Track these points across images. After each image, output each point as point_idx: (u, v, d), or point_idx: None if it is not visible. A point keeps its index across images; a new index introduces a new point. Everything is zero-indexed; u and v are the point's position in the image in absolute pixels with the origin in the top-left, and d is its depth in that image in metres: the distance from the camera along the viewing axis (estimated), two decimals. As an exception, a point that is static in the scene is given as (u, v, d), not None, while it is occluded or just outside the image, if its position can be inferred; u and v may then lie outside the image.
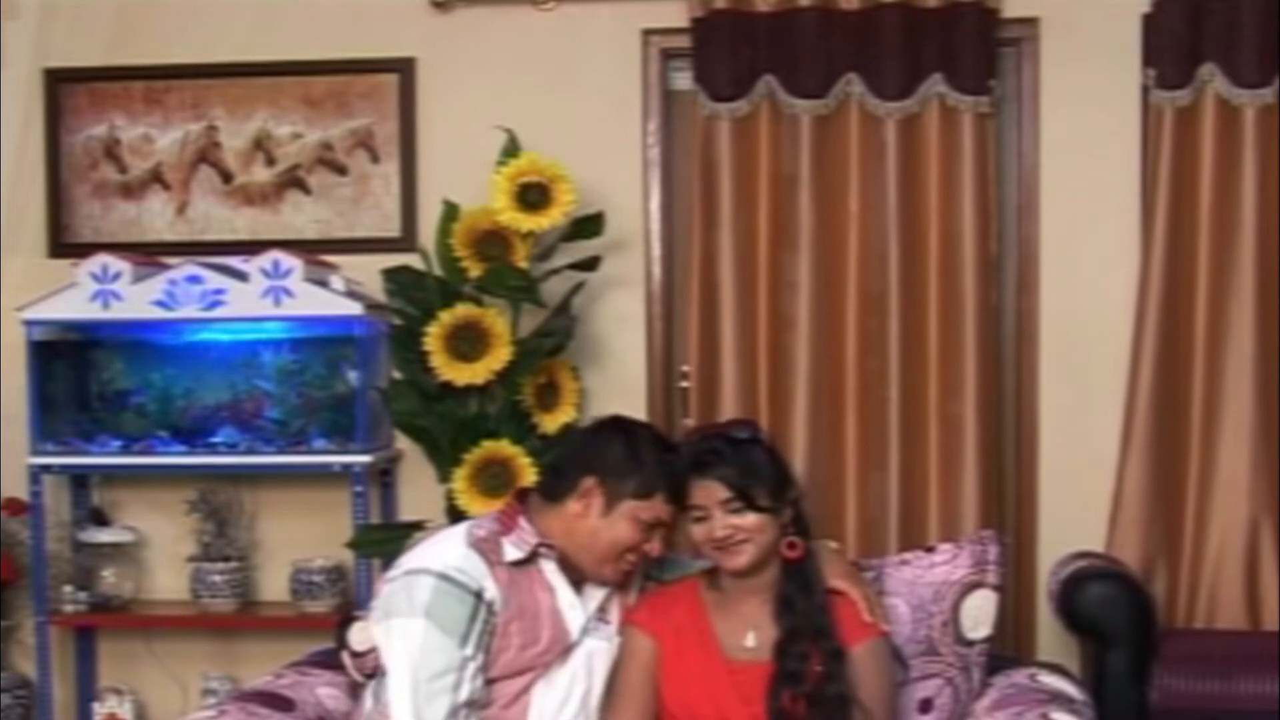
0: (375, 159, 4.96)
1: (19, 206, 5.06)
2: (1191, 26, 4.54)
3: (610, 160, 4.80)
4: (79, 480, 4.98)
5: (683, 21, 4.73)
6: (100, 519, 4.97)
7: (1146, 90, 4.62)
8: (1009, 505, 4.78)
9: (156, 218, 5.05)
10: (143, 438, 4.79)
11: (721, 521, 3.02)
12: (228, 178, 5.02)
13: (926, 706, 3.31)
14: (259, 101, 4.98)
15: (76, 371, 4.86)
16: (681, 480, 3.06)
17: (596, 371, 4.83)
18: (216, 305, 4.62)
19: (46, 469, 4.77)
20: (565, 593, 3.10)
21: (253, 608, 4.89)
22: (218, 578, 4.80)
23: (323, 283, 4.66)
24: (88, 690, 5.00)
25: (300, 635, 4.45)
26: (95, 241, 4.94)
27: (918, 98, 4.64)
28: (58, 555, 4.87)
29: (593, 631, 3.13)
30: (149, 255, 4.82)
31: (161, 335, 4.80)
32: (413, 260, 4.71)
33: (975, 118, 4.62)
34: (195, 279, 4.62)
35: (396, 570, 3.10)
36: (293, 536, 4.92)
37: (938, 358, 4.65)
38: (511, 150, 4.57)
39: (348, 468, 4.65)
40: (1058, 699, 3.24)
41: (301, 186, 5.00)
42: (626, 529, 3.05)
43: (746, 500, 3.02)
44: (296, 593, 4.79)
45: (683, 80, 4.84)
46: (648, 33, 4.82)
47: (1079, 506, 4.69)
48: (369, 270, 4.77)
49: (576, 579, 3.13)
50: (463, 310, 4.48)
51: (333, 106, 4.96)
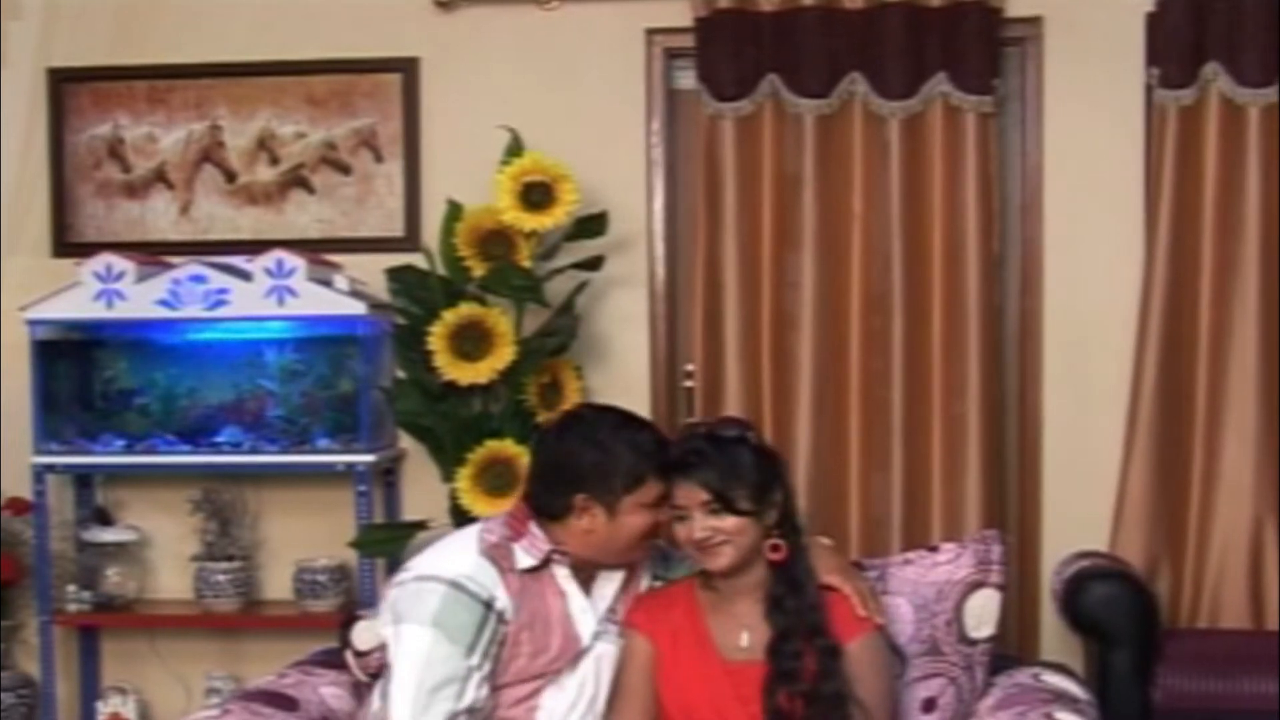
0: (379, 158, 4.96)
1: (23, 206, 5.06)
2: (1195, 25, 4.53)
3: (614, 160, 4.79)
4: (83, 480, 4.98)
5: (686, 21, 4.72)
6: (104, 518, 4.97)
7: (1150, 89, 4.62)
8: (1012, 505, 4.78)
9: (160, 217, 5.04)
10: (146, 437, 4.79)
11: (701, 523, 3.01)
12: (231, 177, 5.02)
13: (930, 706, 3.31)
14: (262, 101, 4.98)
15: (80, 371, 4.85)
16: (667, 469, 3.05)
17: (600, 371, 4.82)
18: (220, 305, 4.61)
19: (50, 468, 4.77)
20: (577, 598, 3.10)
21: (256, 607, 4.89)
22: (221, 577, 4.80)
23: (326, 282, 4.65)
24: (91, 690, 5.00)
25: (304, 635, 4.46)
26: (99, 241, 4.94)
27: (921, 97, 4.63)
28: (61, 555, 4.87)
29: (603, 635, 3.13)
30: (152, 255, 4.81)
31: (165, 335, 4.79)
32: (416, 260, 4.71)
33: (978, 117, 4.61)
34: (199, 278, 4.62)
35: (406, 574, 3.09)
36: (296, 536, 4.92)
37: (941, 357, 4.64)
38: (515, 149, 4.57)
39: (351, 467, 4.65)
40: (1061, 699, 3.23)
41: (305, 186, 5.00)
42: (638, 519, 3.05)
43: (725, 503, 3.01)
44: (300, 592, 4.79)
45: (686, 79, 4.84)
46: (651, 32, 4.82)
47: (1082, 506, 4.68)
48: (372, 270, 4.78)
49: (585, 578, 3.13)
50: (466, 310, 4.48)
51: (336, 106, 4.96)
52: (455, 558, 3.05)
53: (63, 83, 5.03)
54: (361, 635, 3.44)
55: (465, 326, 4.46)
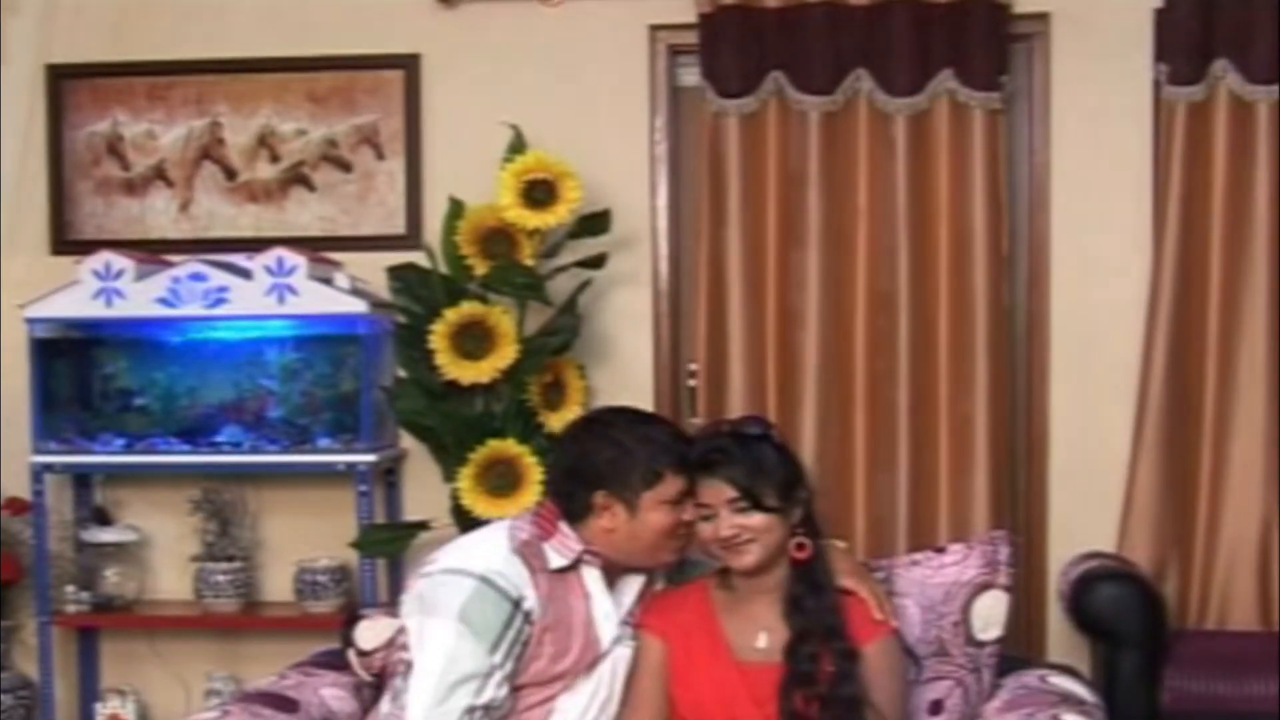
0: (380, 156, 4.95)
1: (21, 203, 5.05)
2: (1204, 22, 4.52)
3: (617, 157, 4.79)
4: (81, 479, 4.97)
5: (690, 17, 4.71)
6: (103, 518, 4.96)
7: (1158, 86, 4.61)
8: (1019, 505, 4.77)
9: (160, 215, 5.03)
10: (146, 436, 4.78)
11: (728, 521, 3.00)
12: (231, 174, 5.01)
13: (937, 708, 3.29)
14: (263, 98, 4.97)
15: (79, 369, 4.85)
16: (693, 470, 3.04)
17: (603, 370, 4.82)
18: (220, 303, 4.61)
19: (49, 468, 4.76)
20: (602, 600, 3.09)
21: (256, 608, 4.89)
22: (221, 577, 4.79)
23: (327, 280, 4.65)
24: (90, 691, 4.99)
25: (304, 635, 4.45)
26: (98, 239, 4.94)
27: (927, 94, 4.61)
28: (60, 555, 4.86)
29: (620, 640, 3.11)
30: (152, 253, 4.81)
31: (165, 333, 4.79)
32: (418, 258, 4.70)
33: (985, 114, 4.60)
34: (199, 277, 4.61)
35: (433, 566, 3.06)
36: (297, 536, 4.91)
37: (948, 356, 4.64)
38: (517, 147, 4.56)
39: (352, 467, 4.64)
40: (1068, 700, 3.22)
41: (306, 183, 4.98)
42: (661, 516, 3.03)
43: (753, 500, 3.00)
44: (301, 593, 4.78)
45: (690, 76, 4.83)
46: (655, 28, 4.81)
47: (1090, 506, 4.68)
48: (374, 268, 4.77)
49: (608, 582, 3.11)
50: (468, 308, 4.47)
51: (337, 103, 4.95)
52: (487, 553, 3.03)
53: (61, 79, 5.02)
54: (365, 634, 3.44)
55: (467, 325, 4.46)
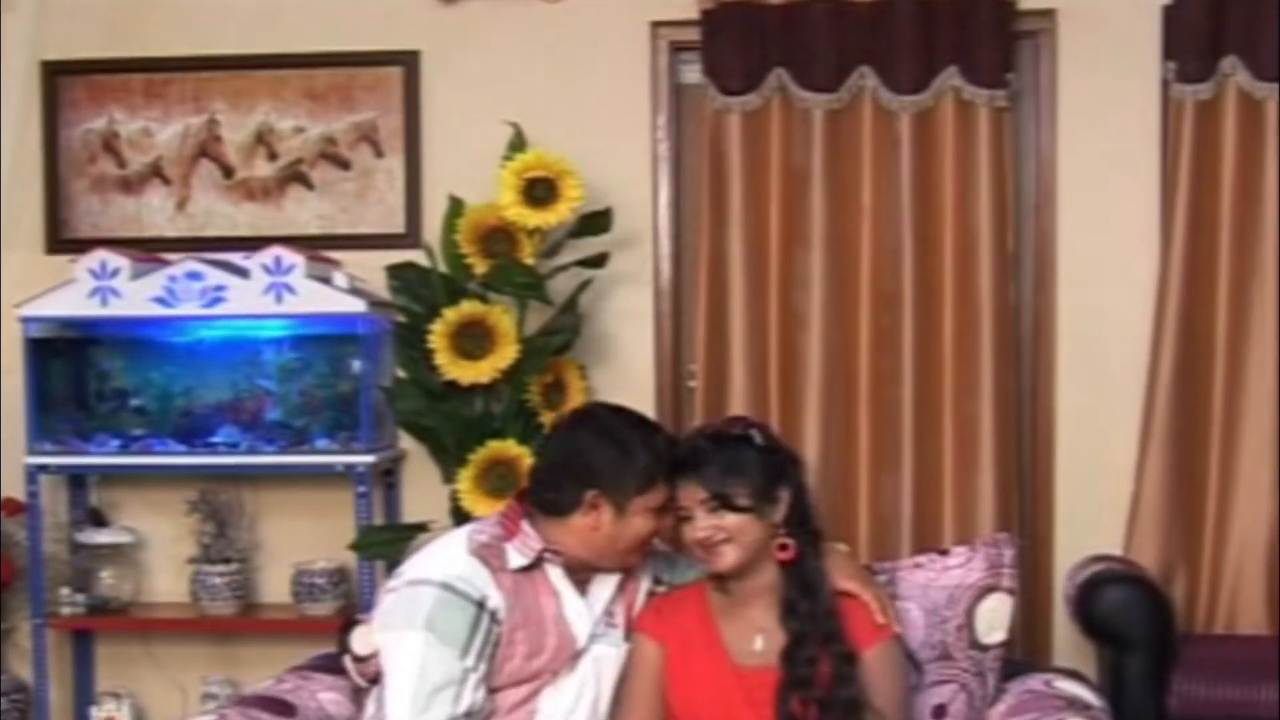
0: (379, 153, 4.94)
1: (16, 201, 5.05)
2: (1213, 18, 4.52)
3: (618, 155, 4.78)
4: (77, 480, 4.97)
5: (692, 14, 4.72)
6: (98, 520, 4.96)
7: (1166, 84, 4.60)
8: (1025, 507, 4.76)
9: (156, 213, 5.03)
10: (142, 437, 4.79)
11: (703, 521, 3.01)
12: (229, 172, 5.01)
13: (940, 712, 3.28)
14: (261, 94, 4.97)
15: (74, 369, 4.85)
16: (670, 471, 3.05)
17: (604, 370, 4.81)
18: (217, 302, 4.60)
19: (44, 468, 4.74)
20: (571, 598, 3.08)
21: (253, 610, 4.88)
22: (218, 580, 4.79)
23: (325, 279, 4.64)
24: (85, 694, 4.98)
25: (302, 639, 4.45)
26: (94, 237, 4.93)
27: (932, 91, 4.61)
28: (55, 556, 4.85)
29: (600, 637, 3.11)
30: (148, 251, 4.81)
31: (161, 333, 4.78)
32: (417, 256, 4.70)
33: (991, 111, 4.59)
34: (195, 275, 4.61)
35: (398, 579, 3.08)
36: (294, 538, 4.91)
37: (953, 356, 4.63)
38: (518, 145, 4.56)
39: (351, 468, 4.63)
40: (1074, 705, 3.21)
41: (304, 181, 4.98)
42: (643, 522, 3.04)
43: (723, 500, 2.99)
44: (298, 595, 4.78)
45: (692, 73, 4.83)
46: (656, 25, 4.81)
47: (1096, 508, 4.67)
48: (372, 267, 4.77)
49: (580, 580, 3.10)
50: (468, 307, 4.46)
51: (336, 100, 4.95)
52: (445, 559, 3.03)
53: (57, 75, 5.02)
54: (360, 640, 3.42)
55: (467, 325, 4.45)
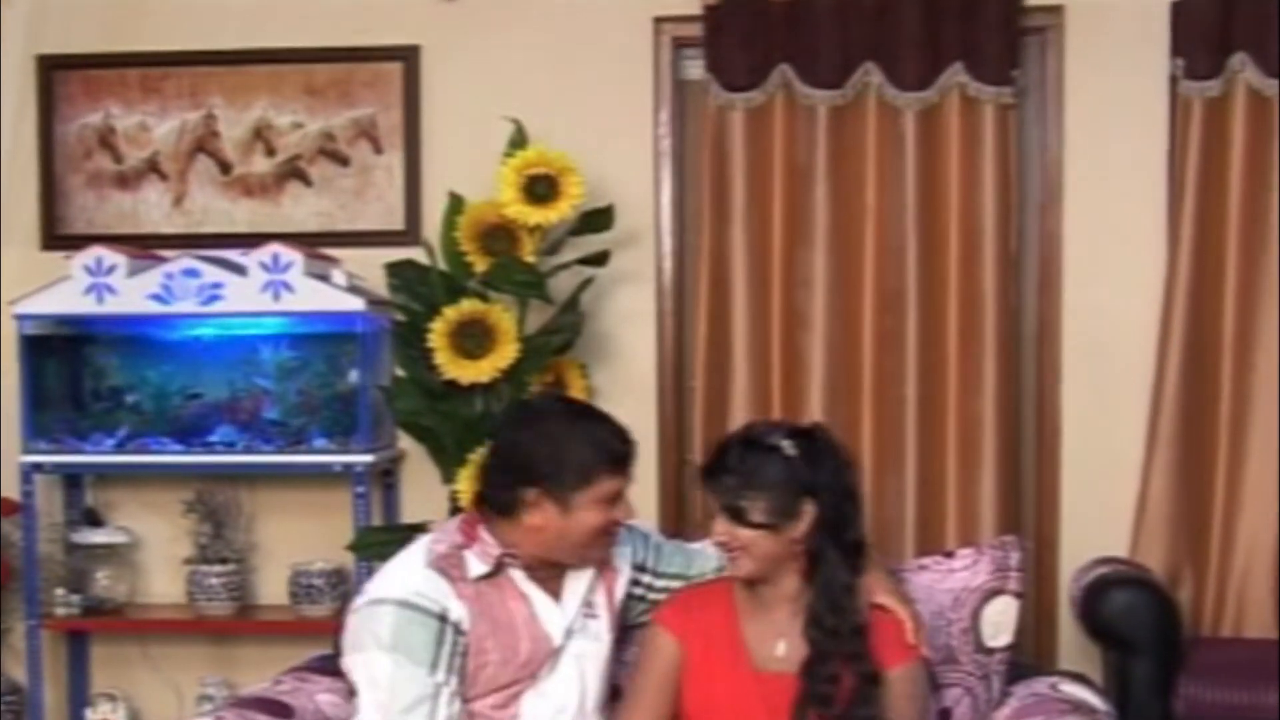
0: (378, 150, 4.93)
1: (11, 197, 5.03)
2: (1222, 15, 4.51)
3: (620, 152, 4.77)
4: (72, 480, 4.96)
5: (695, 9, 4.71)
6: (94, 519, 4.95)
7: (1174, 81, 4.60)
8: (1030, 509, 4.76)
9: (153, 209, 5.03)
10: (138, 436, 4.77)
11: (720, 527, 2.99)
12: (226, 168, 5.00)
13: (945, 716, 3.27)
14: (259, 90, 4.96)
15: (70, 367, 4.84)
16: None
17: (605, 370, 4.81)
18: (214, 300, 4.60)
19: (38, 468, 4.74)
20: (540, 599, 3.05)
21: (251, 611, 4.88)
22: (215, 580, 4.78)
23: (324, 277, 4.64)
24: (80, 696, 4.98)
25: (299, 640, 4.45)
26: (89, 233, 4.93)
27: (938, 88, 4.60)
28: (50, 557, 4.85)
29: (579, 632, 3.07)
30: (145, 248, 4.81)
31: (157, 330, 4.78)
32: (416, 254, 4.69)
33: (997, 109, 4.59)
34: (192, 273, 4.60)
35: (360, 599, 3.05)
36: (292, 538, 4.90)
37: (957, 357, 4.62)
38: (519, 141, 4.54)
39: (349, 468, 4.62)
40: (1080, 709, 3.20)
41: (302, 178, 4.97)
42: (592, 515, 2.97)
43: (736, 513, 2.95)
44: (296, 596, 4.77)
45: (695, 69, 4.82)
46: (659, 20, 4.81)
47: (1102, 510, 4.67)
48: (371, 264, 4.76)
49: (548, 577, 3.05)
50: (468, 306, 4.45)
51: (335, 95, 4.94)
52: (402, 575, 3.00)
53: (53, 70, 5.02)
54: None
55: (467, 323, 4.43)
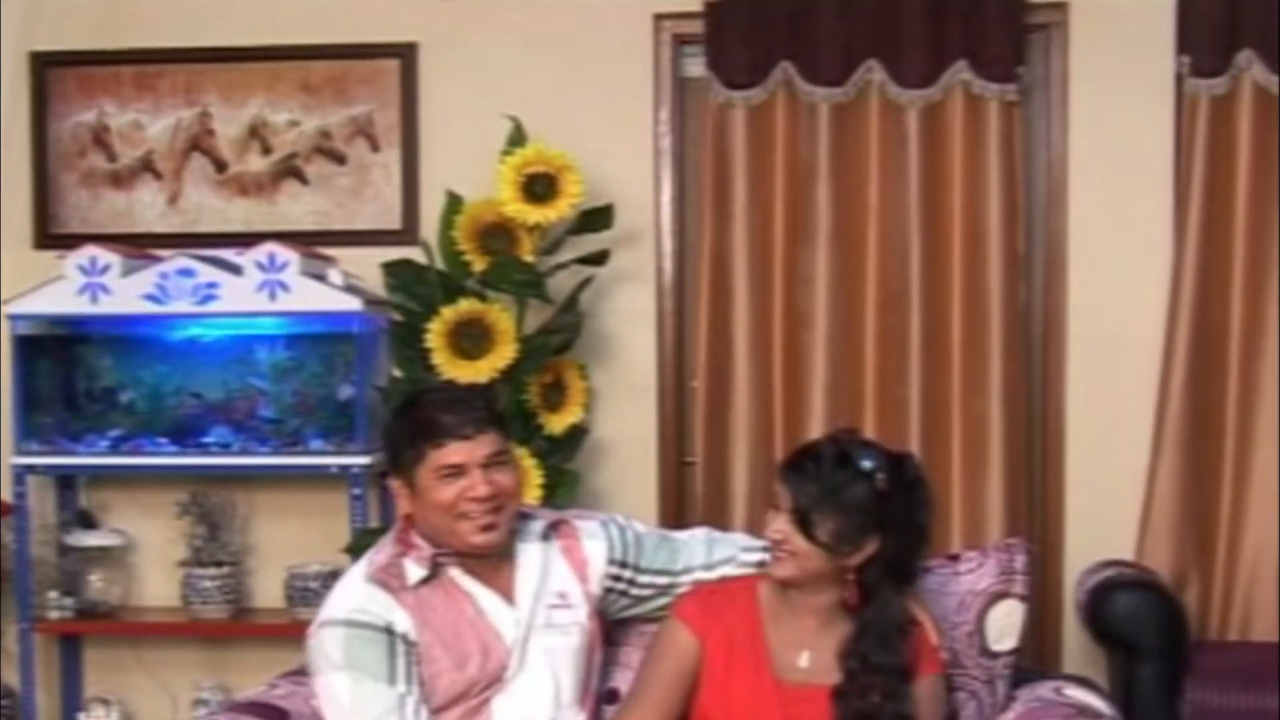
0: (375, 148, 4.92)
1: (4, 196, 5.01)
2: (1228, 11, 4.50)
3: (620, 150, 4.77)
4: (65, 481, 4.95)
5: (696, 6, 4.71)
6: (87, 521, 4.94)
7: (1180, 78, 4.59)
8: (1035, 511, 4.74)
9: (147, 208, 5.02)
10: (132, 437, 4.77)
11: (777, 524, 2.91)
12: (221, 167, 4.99)
13: None
14: (254, 87, 4.95)
15: (63, 368, 4.84)
16: None
17: (605, 370, 4.81)
18: (209, 300, 4.59)
19: (31, 469, 4.73)
20: (486, 597, 3.02)
21: (246, 614, 4.88)
22: (209, 583, 4.77)
23: (320, 277, 4.64)
24: (73, 700, 4.97)
25: (295, 643, 4.30)
26: (83, 232, 4.91)
27: (941, 85, 4.59)
28: (42, 559, 4.83)
29: (546, 627, 3.04)
30: (139, 247, 4.80)
31: (152, 330, 4.77)
32: (414, 253, 4.69)
33: (1001, 106, 4.58)
34: (187, 272, 4.60)
35: (315, 622, 3.05)
36: (288, 540, 4.89)
37: (961, 357, 4.61)
38: (517, 139, 4.54)
39: (345, 469, 4.62)
40: (1085, 713, 3.17)
41: (298, 176, 4.96)
42: (437, 490, 2.95)
43: (802, 523, 2.88)
44: (291, 599, 4.76)
45: (696, 67, 4.81)
46: (659, 17, 4.80)
47: (1108, 513, 4.65)
48: (368, 264, 4.75)
49: (488, 572, 3.02)
50: (466, 306, 4.44)
51: (331, 93, 4.94)
52: (345, 593, 3.02)
53: (46, 67, 5.01)
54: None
55: (465, 323, 4.43)
